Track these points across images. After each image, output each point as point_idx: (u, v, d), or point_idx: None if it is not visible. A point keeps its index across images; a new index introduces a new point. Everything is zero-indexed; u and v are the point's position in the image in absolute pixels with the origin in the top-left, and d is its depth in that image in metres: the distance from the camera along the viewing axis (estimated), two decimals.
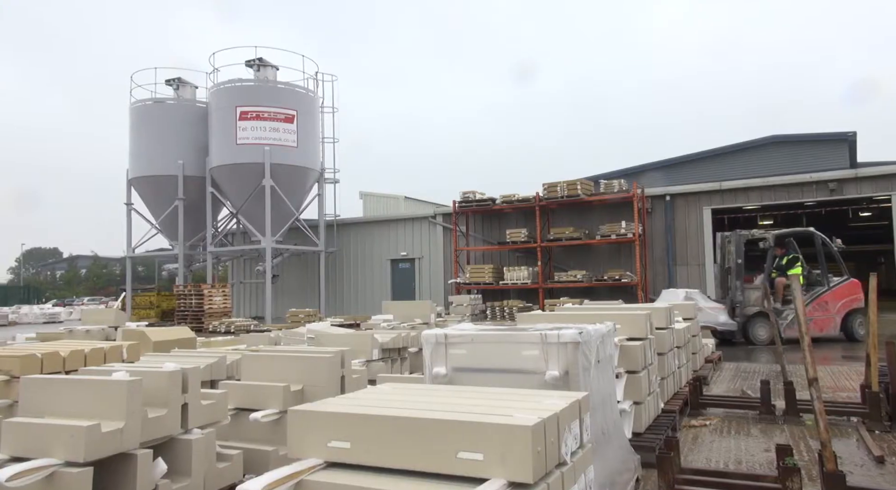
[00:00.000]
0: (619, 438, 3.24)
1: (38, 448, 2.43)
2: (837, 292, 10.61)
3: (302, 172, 20.43)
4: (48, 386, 2.76)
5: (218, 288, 19.55)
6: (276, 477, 1.83)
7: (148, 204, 21.82)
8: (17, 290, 46.94)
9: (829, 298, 10.60)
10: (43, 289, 52.95)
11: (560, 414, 2.02)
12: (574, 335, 2.83)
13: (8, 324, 25.67)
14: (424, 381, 3.14)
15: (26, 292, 45.62)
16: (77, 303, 40.12)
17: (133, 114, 21.54)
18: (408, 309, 11.01)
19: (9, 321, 26.32)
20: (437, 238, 20.67)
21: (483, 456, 1.82)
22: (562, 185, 17.60)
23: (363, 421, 2.00)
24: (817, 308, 10.46)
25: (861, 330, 10.71)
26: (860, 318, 10.76)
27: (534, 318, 4.68)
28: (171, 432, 2.84)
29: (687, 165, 24.48)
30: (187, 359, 4.27)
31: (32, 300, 41.70)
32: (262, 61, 20.19)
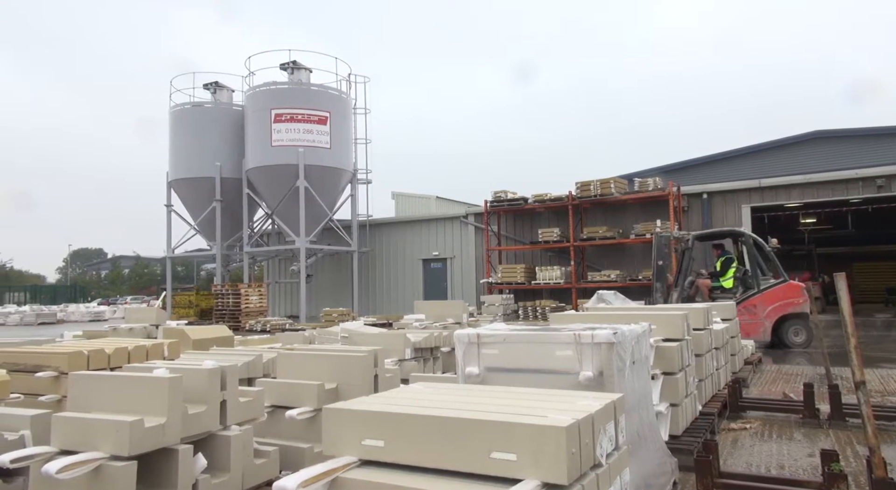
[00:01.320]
0: (655, 441, 3.18)
1: (85, 442, 2.52)
2: (769, 295, 9.82)
3: (335, 173, 20.68)
4: (94, 382, 2.85)
5: (254, 287, 19.94)
6: (312, 474, 1.86)
7: (187, 205, 22.40)
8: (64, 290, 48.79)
9: (759, 302, 9.84)
10: (89, 288, 54.85)
11: (595, 415, 2.00)
12: (608, 335, 2.79)
13: (56, 322, 26.70)
14: (457, 380, 3.14)
15: (73, 291, 47.38)
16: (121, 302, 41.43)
17: (172, 118, 22.12)
18: (440, 309, 11.03)
19: (57, 319, 27.38)
20: (469, 238, 20.66)
21: (516, 456, 1.81)
22: (595, 183, 17.39)
23: (397, 420, 2.02)
24: (743, 312, 9.46)
25: (796, 337, 9.83)
26: (796, 324, 9.88)
27: (567, 318, 4.64)
28: (210, 428, 2.90)
29: (724, 163, 23.90)
30: (225, 357, 4.37)
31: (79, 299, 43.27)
32: (296, 64, 20.50)
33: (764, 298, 9.73)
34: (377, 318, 14.91)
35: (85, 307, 32.34)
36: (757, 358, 8.22)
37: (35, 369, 4.13)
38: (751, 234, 10.26)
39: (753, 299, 9.83)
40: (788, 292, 9.85)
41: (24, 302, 39.10)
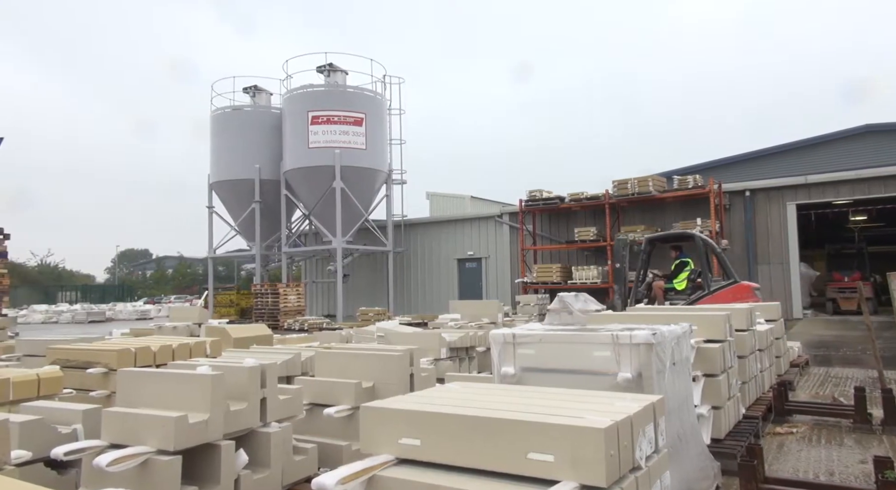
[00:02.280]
0: (696, 444, 3.11)
1: (133, 436, 2.61)
2: (718, 297, 9.63)
3: (370, 174, 20.88)
4: (141, 378, 2.95)
5: (292, 287, 20.30)
6: (350, 471, 1.88)
7: (228, 207, 22.95)
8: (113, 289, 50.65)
9: (709, 303, 9.60)
10: (135, 287, 56.76)
11: (633, 417, 1.97)
12: (647, 336, 2.74)
13: (105, 320, 27.73)
14: (493, 380, 3.13)
15: (121, 291, 49.14)
16: (165, 301, 42.75)
17: (213, 121, 22.70)
18: (475, 308, 11.00)
19: (106, 317, 28.43)
20: (504, 237, 20.58)
21: (554, 457, 1.79)
22: (632, 181, 17.10)
23: (433, 419, 2.02)
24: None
25: None
26: None
27: (604, 318, 4.57)
28: (251, 425, 2.96)
29: (768, 159, 23.16)
30: (265, 355, 4.46)
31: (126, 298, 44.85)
32: (332, 66, 20.78)
33: (714, 299, 9.62)
34: (412, 318, 14.99)
35: (132, 306, 33.51)
36: (804, 360, 7.95)
37: (86, 366, 4.29)
38: (701, 237, 10.27)
39: (703, 301, 9.73)
40: (738, 293, 9.70)
41: (76, 301, 40.75)
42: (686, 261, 10.51)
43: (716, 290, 9.89)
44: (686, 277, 10.26)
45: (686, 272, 10.32)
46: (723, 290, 9.82)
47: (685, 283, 10.25)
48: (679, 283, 10.32)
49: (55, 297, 42.82)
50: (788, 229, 16.18)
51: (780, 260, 16.29)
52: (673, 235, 11.15)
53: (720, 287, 9.93)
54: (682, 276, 10.29)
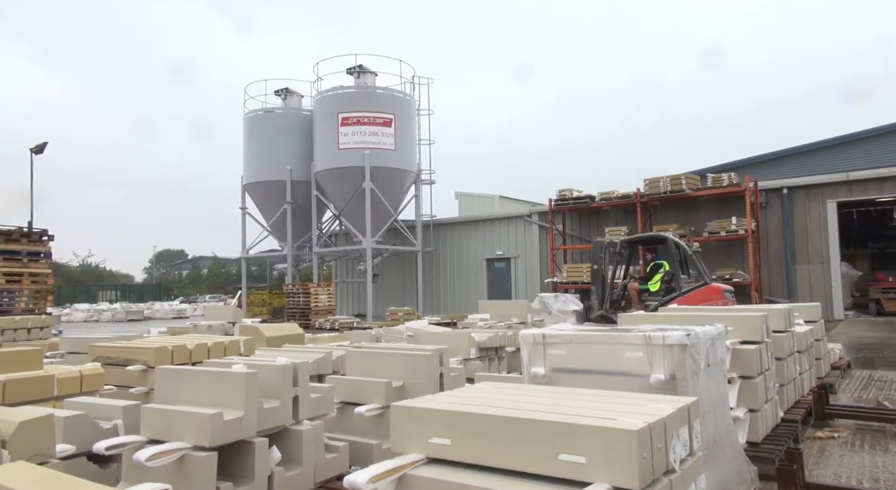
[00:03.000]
0: (732, 447, 3.04)
1: (171, 432, 2.67)
2: (689, 298, 9.74)
3: (400, 174, 20.99)
4: (178, 376, 3.02)
5: (323, 287, 20.54)
6: (381, 470, 1.89)
7: (260, 208, 23.36)
8: (150, 288, 52.05)
9: (680, 304, 9.55)
10: (171, 287, 58.22)
11: (667, 419, 1.93)
12: (681, 337, 2.69)
13: (143, 318, 28.51)
14: (522, 380, 3.11)
15: (158, 290, 50.47)
16: (200, 300, 43.72)
17: (246, 124, 23.12)
18: (504, 308, 10.96)
19: (144, 316, 29.23)
20: (533, 237, 20.46)
21: (585, 459, 1.77)
22: (664, 180, 16.82)
23: (463, 418, 2.02)
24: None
25: None
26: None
27: (636, 318, 4.51)
28: (283, 423, 3.01)
29: (807, 155, 22.47)
30: (297, 354, 4.52)
31: (163, 297, 46.04)
32: (362, 68, 20.97)
33: (685, 301, 9.72)
34: (441, 318, 15.00)
35: (168, 305, 34.37)
36: (846, 363, 7.70)
37: (126, 363, 4.42)
38: (673, 239, 10.43)
39: (676, 302, 9.79)
40: (708, 295, 9.85)
41: (115, 300, 42.01)
42: (661, 263, 10.72)
43: (687, 291, 10.02)
44: (660, 279, 10.48)
45: (660, 274, 10.54)
46: (694, 292, 9.94)
47: (659, 284, 10.47)
48: (653, 285, 10.56)
49: (96, 296, 44.21)
50: (829, 227, 15.69)
51: (820, 259, 15.80)
52: (646, 238, 11.42)
53: (691, 288, 10.04)
54: (656, 278, 10.54)
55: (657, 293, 10.40)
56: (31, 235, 13.86)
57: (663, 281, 10.43)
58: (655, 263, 10.82)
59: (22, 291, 13.11)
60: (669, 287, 10.31)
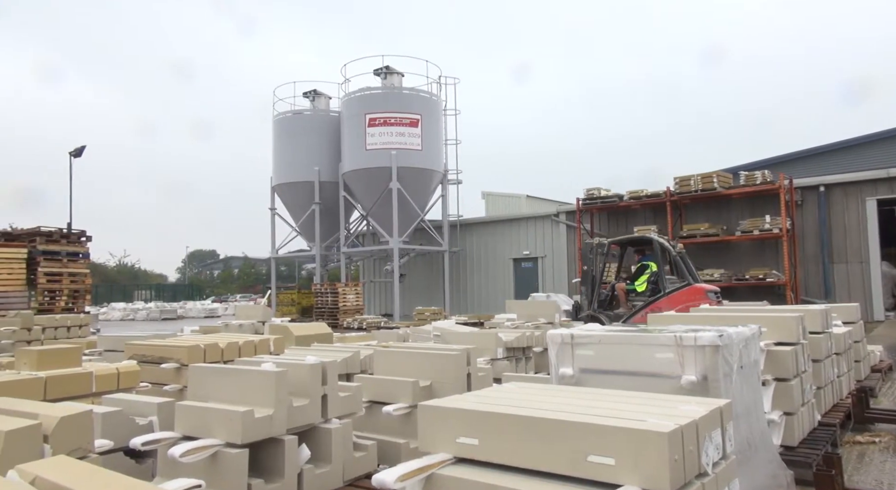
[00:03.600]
0: (767, 451, 2.97)
1: (204, 429, 2.73)
2: (673, 298, 9.97)
3: (426, 174, 21.04)
4: (210, 374, 3.08)
5: (351, 286, 20.72)
6: (409, 469, 1.90)
7: (289, 208, 23.67)
8: (183, 288, 53.22)
9: (664, 304, 10.01)
10: (203, 286, 59.40)
11: (699, 421, 1.90)
12: (713, 338, 2.64)
13: (176, 317, 29.17)
14: (550, 381, 3.09)
15: (190, 290, 51.56)
16: (231, 299, 44.53)
17: (275, 126, 23.46)
18: (532, 308, 10.88)
19: (177, 315, 29.91)
20: (561, 236, 20.30)
21: (615, 461, 1.75)
22: (695, 178, 16.52)
23: (491, 419, 2.02)
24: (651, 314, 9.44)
25: None
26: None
27: (667, 319, 4.44)
28: (313, 421, 3.04)
29: (844, 152, 21.83)
30: (325, 353, 4.57)
31: (195, 297, 47.03)
32: (389, 69, 21.09)
33: (669, 301, 9.99)
34: (468, 317, 15.00)
35: (200, 304, 35.11)
36: (887, 365, 7.45)
37: (160, 361, 4.52)
38: (658, 241, 10.73)
39: (660, 302, 10.14)
40: (691, 295, 10.00)
41: (150, 299, 43.07)
42: (647, 264, 10.97)
43: (671, 291, 10.26)
44: (646, 279, 10.78)
45: (646, 275, 10.82)
46: (677, 292, 10.18)
47: (645, 285, 10.78)
48: (639, 285, 10.85)
49: (132, 295, 45.37)
50: (868, 226, 15.20)
51: (859, 259, 15.33)
52: (633, 240, 11.86)
53: (675, 289, 10.27)
54: (642, 278, 10.84)
55: (643, 293, 10.66)
56: (70, 236, 14.31)
57: (649, 281, 10.68)
58: (642, 264, 11.06)
59: (62, 290, 13.54)
60: (655, 287, 10.54)
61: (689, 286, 10.28)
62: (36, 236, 13.56)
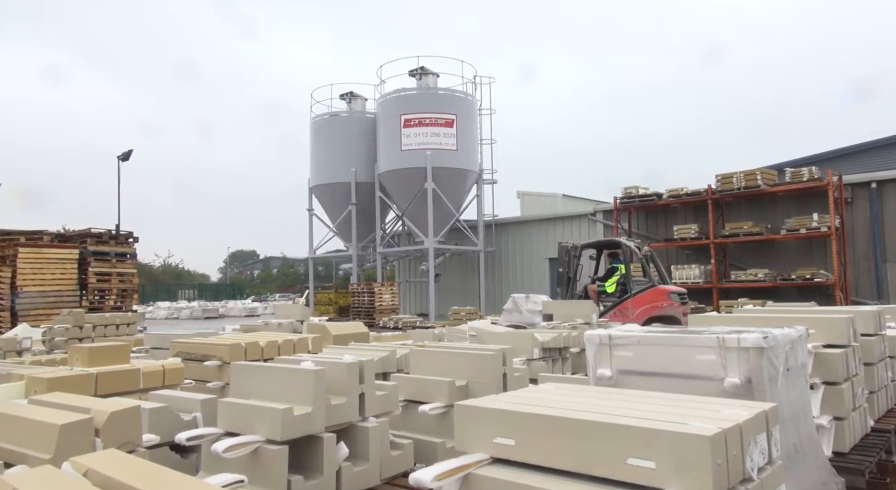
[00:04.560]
0: (816, 457, 2.87)
1: (245, 425, 2.79)
2: (638, 299, 10.61)
3: (461, 174, 21.05)
4: (251, 371, 3.15)
5: (387, 286, 20.89)
6: (446, 468, 1.90)
7: (326, 209, 24.02)
8: (225, 288, 54.57)
9: (630, 305, 10.69)
10: (244, 286, 60.77)
11: (743, 425, 1.85)
12: (758, 339, 2.57)
13: (218, 316, 29.95)
14: (588, 382, 3.05)
15: (232, 289, 52.84)
16: (270, 299, 45.44)
17: (313, 128, 23.83)
18: (568, 308, 10.76)
19: (219, 314, 30.70)
20: (598, 236, 20.01)
21: (655, 464, 1.72)
22: (738, 175, 16.07)
23: (528, 419, 2.01)
24: (618, 314, 10.58)
25: None
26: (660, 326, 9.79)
27: (708, 320, 4.33)
28: (350, 419, 3.08)
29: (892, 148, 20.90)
30: (362, 352, 4.62)
31: (236, 296, 48.17)
32: (424, 70, 21.18)
33: (634, 302, 10.60)
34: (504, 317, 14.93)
35: (241, 303, 35.97)
36: None
37: (203, 358, 4.65)
38: (626, 244, 11.32)
39: (626, 303, 10.77)
40: (654, 297, 10.64)
41: (193, 298, 44.30)
42: (617, 266, 11.57)
43: (637, 292, 10.83)
44: (615, 281, 11.37)
45: (616, 276, 11.42)
46: (642, 293, 10.78)
47: (615, 286, 11.36)
48: (609, 286, 11.43)
49: (176, 294, 46.76)
50: None
51: None
52: (602, 243, 12.66)
53: (640, 290, 10.85)
54: (612, 280, 11.43)
55: (613, 294, 11.24)
56: (118, 237, 14.83)
57: (618, 283, 11.29)
58: (612, 266, 11.66)
59: (111, 290, 14.05)
60: (624, 288, 11.12)
61: (653, 288, 10.86)
62: (87, 237, 14.11)
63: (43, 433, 2.30)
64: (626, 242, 11.51)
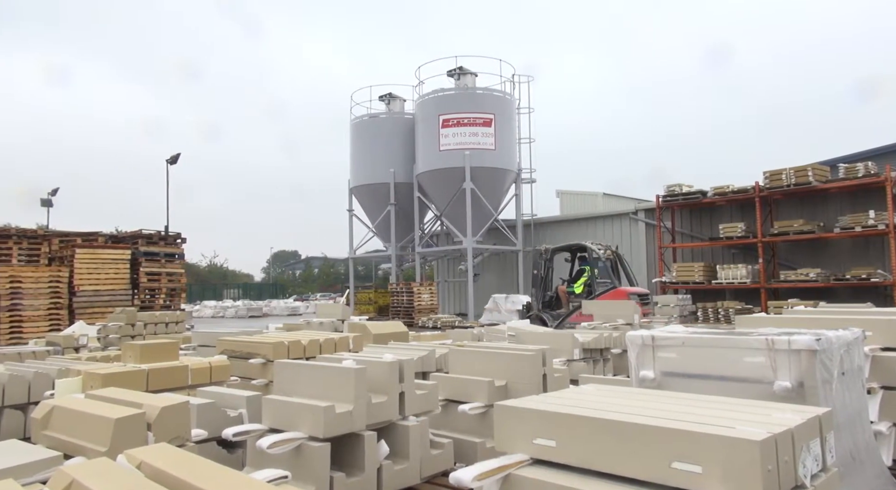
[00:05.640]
0: (874, 465, 2.74)
1: (288, 422, 2.85)
2: (598, 300, 11.27)
3: (500, 174, 20.97)
4: (294, 370, 3.22)
5: (425, 286, 20.98)
6: (487, 468, 1.90)
7: (366, 210, 24.28)
8: (268, 287, 55.83)
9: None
10: (286, 286, 62.00)
11: (795, 430, 1.78)
12: (810, 341, 2.47)
13: (262, 315, 30.63)
14: (630, 384, 3.00)
15: (274, 289, 54.00)
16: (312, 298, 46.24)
17: (352, 129, 24.13)
18: (609, 309, 10.62)
19: (262, 313, 31.40)
20: (639, 235, 19.64)
21: (702, 469, 1.68)
22: (787, 172, 15.49)
23: (570, 421, 1.98)
24: (582, 314, 11.49)
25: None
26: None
27: (756, 321, 4.19)
28: (390, 418, 3.11)
29: None
30: (402, 351, 4.66)
31: (279, 295, 49.19)
32: (462, 70, 21.18)
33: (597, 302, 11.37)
34: None
35: (284, 302, 36.70)
36: None
37: (248, 356, 4.77)
38: (591, 247, 12.25)
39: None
40: (615, 297, 11.24)
41: (238, 297, 45.48)
42: (584, 269, 12.39)
43: (599, 293, 11.63)
44: (583, 282, 12.27)
45: (584, 278, 12.30)
46: (604, 294, 11.52)
47: (582, 287, 12.22)
48: (577, 287, 12.30)
49: (221, 294, 48.09)
50: None
51: None
52: (569, 247, 13.33)
53: (602, 291, 11.62)
54: (580, 281, 12.35)
55: (581, 295, 12.02)
56: (167, 238, 15.35)
57: (585, 284, 12.19)
58: (580, 269, 12.50)
59: (160, 289, 14.55)
60: (591, 289, 11.95)
61: (613, 289, 11.57)
62: (138, 239, 14.65)
63: (99, 427, 2.40)
64: (591, 246, 12.21)
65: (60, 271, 12.74)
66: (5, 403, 3.86)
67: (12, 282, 11.98)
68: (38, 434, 2.66)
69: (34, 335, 10.98)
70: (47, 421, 2.66)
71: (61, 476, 1.70)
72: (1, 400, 3.85)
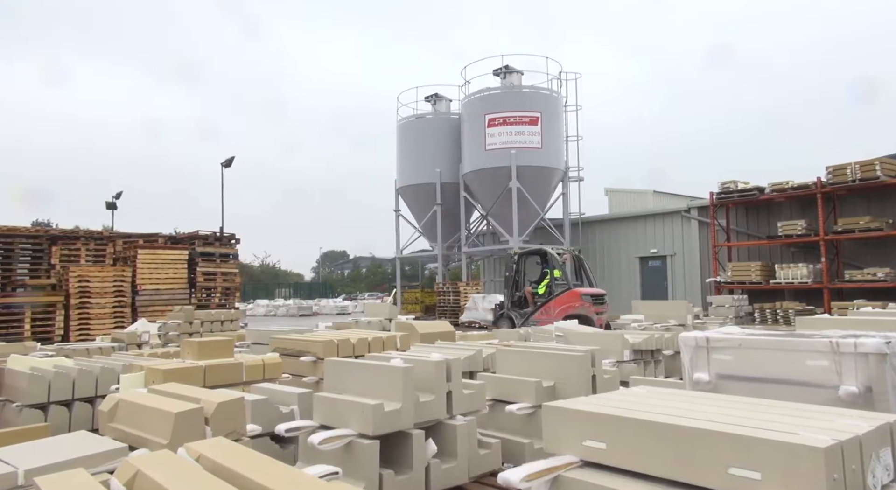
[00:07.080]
0: None
1: (338, 419, 2.90)
2: (558, 300, 12.23)
3: (546, 172, 20.76)
4: (344, 368, 3.27)
5: (472, 285, 20.96)
6: (535, 469, 1.89)
7: (412, 210, 24.48)
8: (318, 286, 57.01)
9: (552, 305, 12.28)
10: (335, 285, 63.17)
11: (863, 437, 1.69)
12: (879, 344, 2.35)
13: (311, 314, 31.31)
14: (683, 386, 2.92)
15: (324, 288, 55.10)
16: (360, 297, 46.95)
17: (399, 130, 24.37)
18: (660, 309, 10.38)
19: (312, 312, 32.09)
20: (692, 233, 19.07)
21: (761, 476, 1.61)
22: (853, 166, 14.72)
23: (621, 423, 1.95)
24: (543, 312, 12.34)
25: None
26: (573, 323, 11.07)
27: (819, 323, 4.01)
28: (438, 416, 3.12)
29: None
30: (449, 350, 4.67)
31: (328, 295, 50.15)
32: (508, 68, 21.08)
33: (555, 302, 12.25)
34: None
35: (332, 302, 37.40)
36: None
37: (299, 354, 4.88)
38: (550, 251, 13.12)
39: (549, 303, 12.42)
40: (569, 298, 12.15)
41: (289, 296, 46.64)
42: (547, 272, 13.06)
43: (557, 294, 12.40)
44: (546, 284, 12.97)
45: (547, 280, 13.00)
46: (561, 295, 12.33)
47: (545, 288, 12.94)
48: (541, 289, 13.04)
49: (273, 293, 49.41)
50: None
51: None
52: (532, 251, 14.26)
53: (560, 292, 12.38)
54: (543, 283, 13.12)
55: (543, 295, 12.80)
56: (222, 239, 15.88)
57: (548, 286, 12.89)
58: (544, 271, 13.18)
59: (216, 288, 15.07)
60: (550, 290, 12.71)
61: (568, 290, 12.28)
62: (195, 239, 15.22)
63: (161, 420, 2.51)
64: (549, 250, 13.16)
65: (124, 271, 13.36)
66: (75, 396, 4.08)
67: (81, 281, 12.65)
68: (104, 425, 2.80)
69: (100, 332, 11.57)
70: (113, 414, 2.80)
71: (127, 467, 1.79)
72: (71, 393, 4.07)
